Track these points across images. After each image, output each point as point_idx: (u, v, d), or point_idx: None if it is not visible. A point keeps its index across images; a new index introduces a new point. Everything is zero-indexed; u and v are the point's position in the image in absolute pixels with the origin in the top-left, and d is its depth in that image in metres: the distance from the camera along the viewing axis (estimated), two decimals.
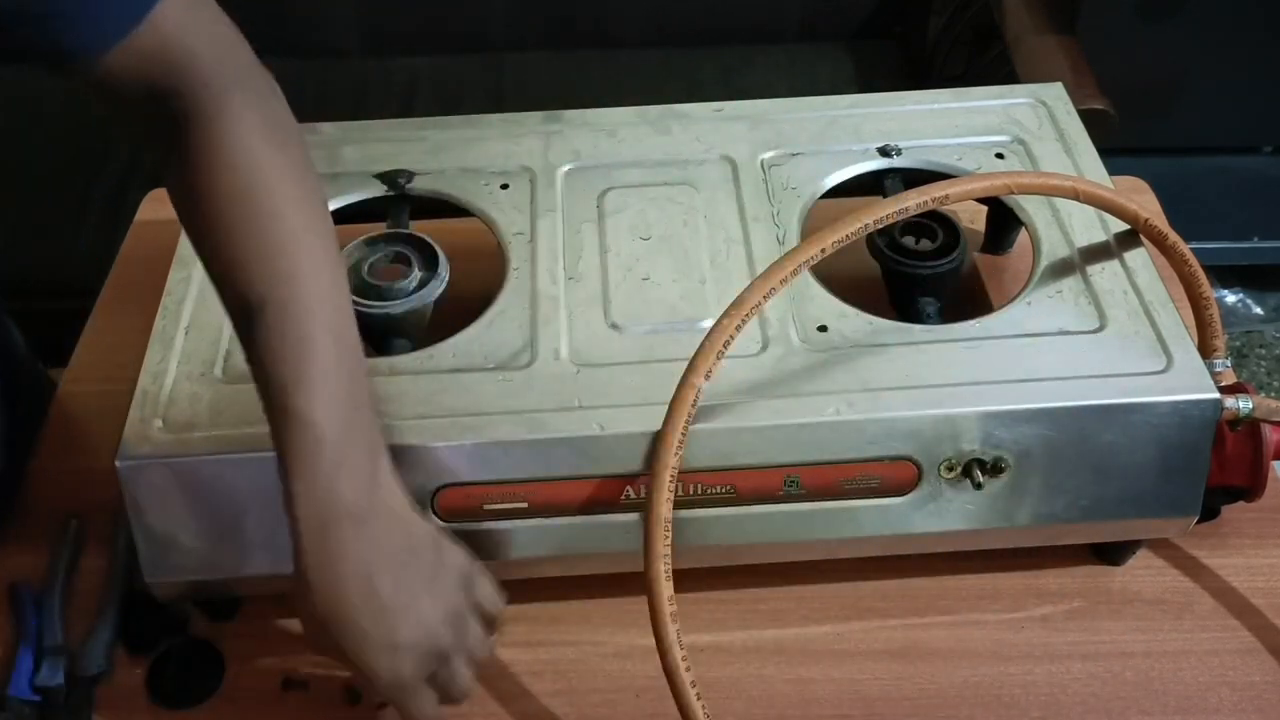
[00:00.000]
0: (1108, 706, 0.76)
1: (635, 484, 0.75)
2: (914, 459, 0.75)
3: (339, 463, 0.64)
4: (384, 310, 0.83)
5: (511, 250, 0.86)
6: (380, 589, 0.64)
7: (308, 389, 0.64)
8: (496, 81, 1.83)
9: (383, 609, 0.64)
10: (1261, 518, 0.85)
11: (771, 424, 0.74)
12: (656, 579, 0.70)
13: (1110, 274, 0.83)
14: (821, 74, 1.78)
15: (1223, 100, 1.86)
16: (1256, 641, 0.80)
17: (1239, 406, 0.76)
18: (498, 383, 0.77)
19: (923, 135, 0.94)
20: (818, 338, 0.79)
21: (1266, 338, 2.08)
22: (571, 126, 0.96)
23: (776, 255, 0.84)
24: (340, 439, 0.64)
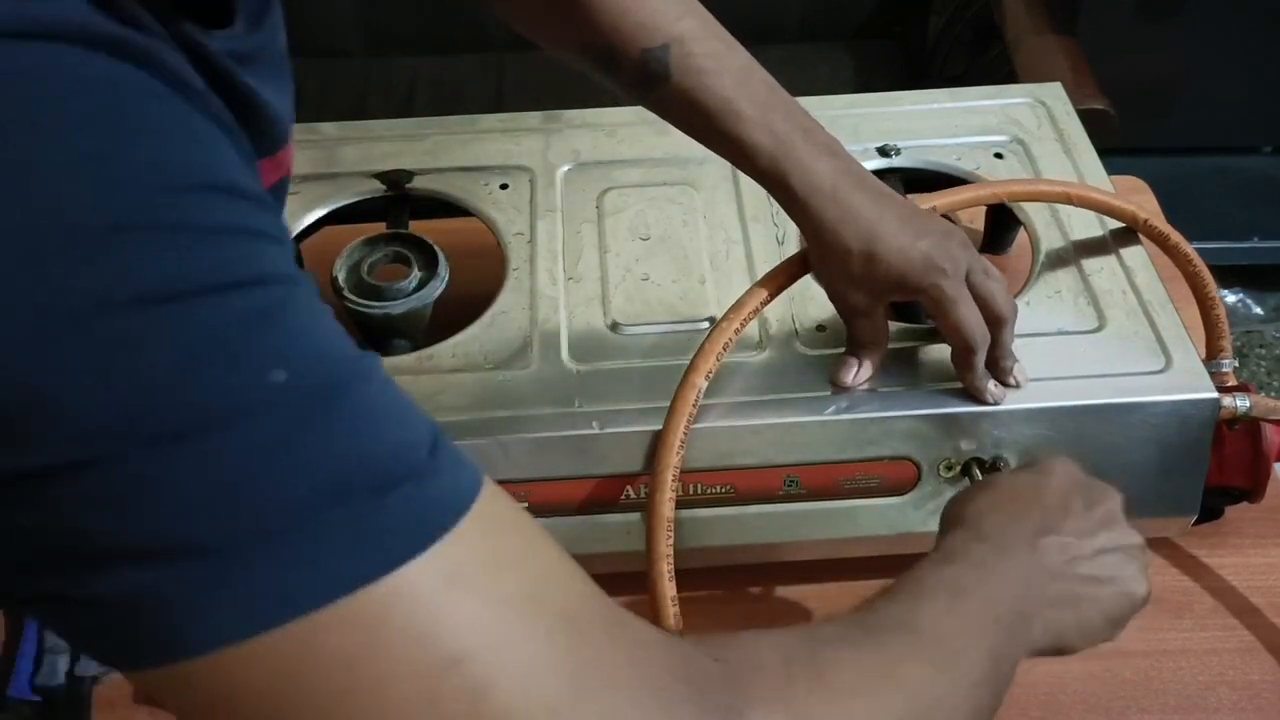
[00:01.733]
0: (1107, 706, 0.76)
1: (635, 484, 0.75)
2: (914, 459, 0.75)
3: (814, 141, 0.71)
4: (384, 310, 0.83)
5: (511, 250, 0.86)
6: (895, 208, 0.71)
7: (750, 94, 0.70)
8: (496, 81, 1.83)
9: (904, 218, 0.71)
10: (1261, 517, 0.85)
11: (771, 424, 0.74)
12: (659, 579, 0.70)
13: (1109, 274, 0.83)
14: (821, 74, 1.78)
15: (1223, 100, 1.86)
16: (1256, 641, 0.80)
17: (1236, 405, 0.76)
18: (498, 383, 0.77)
19: (922, 135, 0.94)
20: (817, 338, 0.79)
21: (1266, 338, 2.08)
22: (571, 126, 0.96)
23: (776, 256, 0.84)
24: (803, 140, 0.70)
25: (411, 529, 0.38)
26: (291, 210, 0.89)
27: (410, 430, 0.40)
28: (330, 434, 0.37)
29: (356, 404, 0.39)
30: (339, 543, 0.37)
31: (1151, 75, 1.80)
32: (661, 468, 0.71)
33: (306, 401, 0.37)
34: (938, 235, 0.71)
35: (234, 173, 0.39)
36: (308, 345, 0.38)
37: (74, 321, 0.34)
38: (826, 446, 0.75)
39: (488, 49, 1.88)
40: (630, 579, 0.73)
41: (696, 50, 0.70)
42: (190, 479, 0.35)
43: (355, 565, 0.37)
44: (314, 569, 0.37)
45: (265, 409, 0.36)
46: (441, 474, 0.40)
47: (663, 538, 0.70)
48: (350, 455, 0.38)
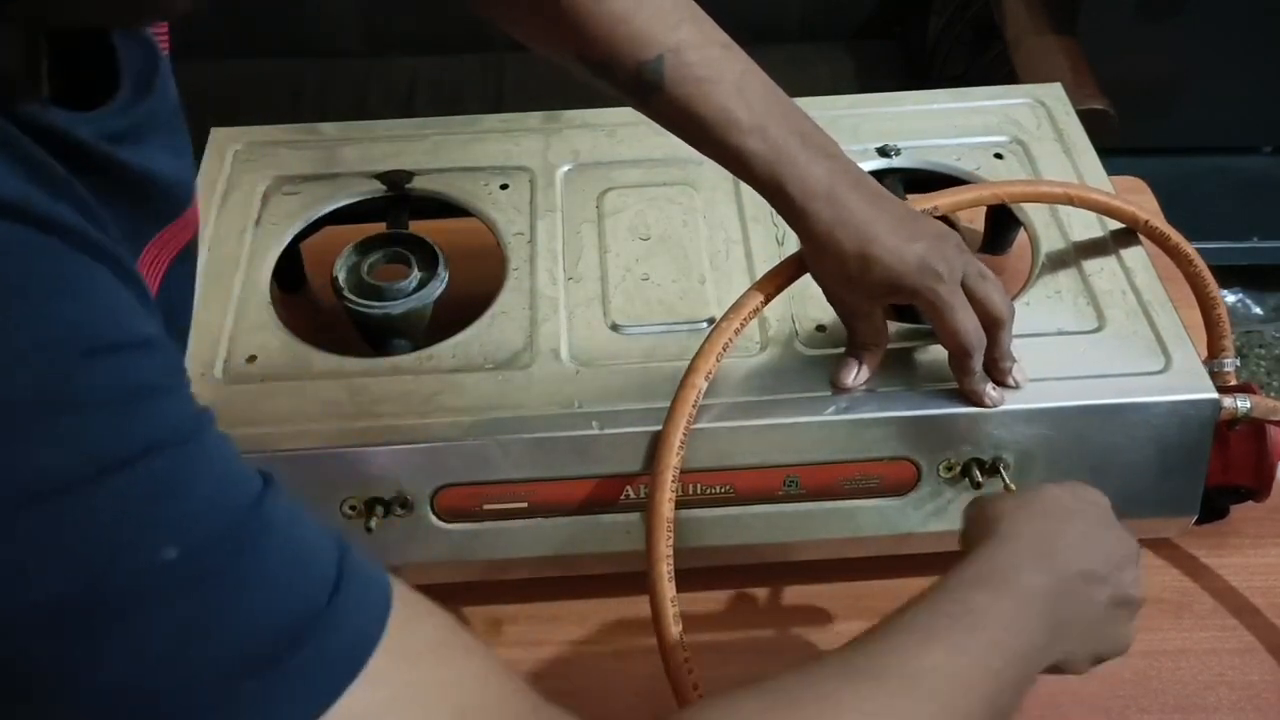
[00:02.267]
0: (1106, 705, 0.76)
1: (635, 484, 0.75)
2: (914, 459, 0.76)
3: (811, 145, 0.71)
4: (384, 310, 0.83)
5: (511, 250, 0.86)
6: (891, 210, 0.71)
7: (748, 102, 0.70)
8: (496, 81, 1.83)
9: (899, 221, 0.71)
10: (1261, 517, 0.85)
11: (771, 424, 0.74)
12: (659, 579, 0.70)
13: (1109, 274, 0.83)
14: (821, 74, 1.78)
15: (1223, 100, 1.86)
16: (1255, 641, 0.80)
17: (1237, 406, 0.76)
18: (498, 383, 0.77)
19: (922, 135, 0.94)
20: (817, 338, 0.79)
21: (1266, 337, 2.08)
22: (571, 126, 0.96)
23: (776, 256, 0.84)
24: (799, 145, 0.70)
25: (319, 689, 0.38)
26: (291, 210, 0.89)
27: (310, 571, 0.40)
28: (223, 613, 0.37)
29: (251, 564, 0.38)
30: (249, 711, 0.37)
31: (1151, 75, 1.80)
32: (662, 468, 0.71)
33: (200, 580, 0.37)
34: (933, 238, 0.71)
35: (116, 319, 0.37)
36: (203, 509, 0.37)
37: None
38: (826, 446, 0.75)
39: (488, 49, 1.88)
40: (630, 579, 0.74)
41: (692, 59, 0.69)
42: (86, 680, 0.35)
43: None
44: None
45: (157, 600, 0.36)
46: (344, 619, 0.39)
47: (663, 538, 0.70)
48: (248, 631, 0.37)
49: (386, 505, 0.74)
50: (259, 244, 0.87)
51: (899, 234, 0.70)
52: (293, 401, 0.76)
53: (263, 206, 0.90)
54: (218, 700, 0.36)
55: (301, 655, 0.38)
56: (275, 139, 0.96)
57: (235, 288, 0.83)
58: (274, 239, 0.87)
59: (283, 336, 0.80)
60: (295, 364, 0.79)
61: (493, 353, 0.79)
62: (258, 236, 0.87)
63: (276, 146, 0.95)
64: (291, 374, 0.78)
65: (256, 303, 0.82)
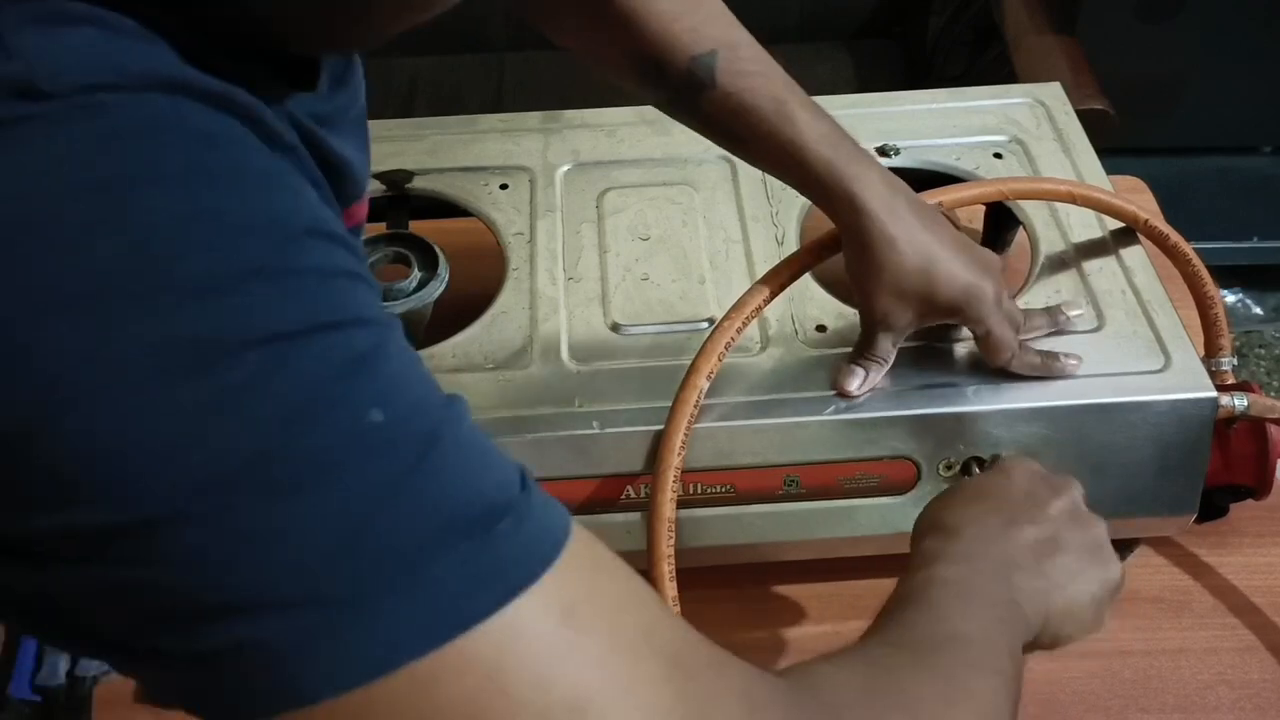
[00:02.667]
0: (1106, 705, 0.76)
1: (635, 484, 0.75)
2: (913, 458, 0.76)
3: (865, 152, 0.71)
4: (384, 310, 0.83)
5: (511, 250, 0.86)
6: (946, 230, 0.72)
7: (800, 100, 0.70)
8: (496, 81, 1.83)
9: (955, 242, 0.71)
10: (1261, 516, 0.85)
11: (771, 423, 0.74)
12: (660, 579, 0.70)
13: (1108, 273, 0.83)
14: (821, 74, 1.78)
15: (1223, 100, 1.86)
16: (1255, 640, 0.80)
17: (1235, 404, 0.76)
18: (498, 383, 0.77)
19: (921, 135, 0.94)
20: (817, 337, 0.79)
21: (1266, 337, 2.08)
22: (571, 126, 0.97)
23: (776, 255, 0.84)
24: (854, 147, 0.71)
25: (518, 564, 0.38)
26: None
27: (501, 469, 0.40)
28: (431, 476, 0.37)
29: (451, 445, 0.39)
30: (450, 584, 0.36)
31: (1151, 75, 1.80)
32: (663, 468, 0.71)
33: (406, 444, 0.37)
34: (984, 263, 0.72)
35: (330, 221, 0.40)
36: (404, 388, 0.38)
37: (187, 369, 0.34)
38: (826, 446, 0.75)
39: (488, 49, 1.88)
40: None
41: (744, 55, 0.70)
42: (298, 529, 0.35)
43: (469, 604, 0.37)
44: (428, 611, 0.36)
45: (368, 455, 0.36)
46: (536, 510, 0.40)
47: (664, 538, 0.70)
48: (451, 496, 0.38)
49: None
50: None
51: (958, 256, 0.71)
52: None
53: None
54: (417, 565, 0.36)
55: (502, 530, 0.38)
56: None
57: None
58: None
59: None
60: None
61: (493, 353, 0.79)
62: None
63: None
64: None
65: None
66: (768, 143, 0.70)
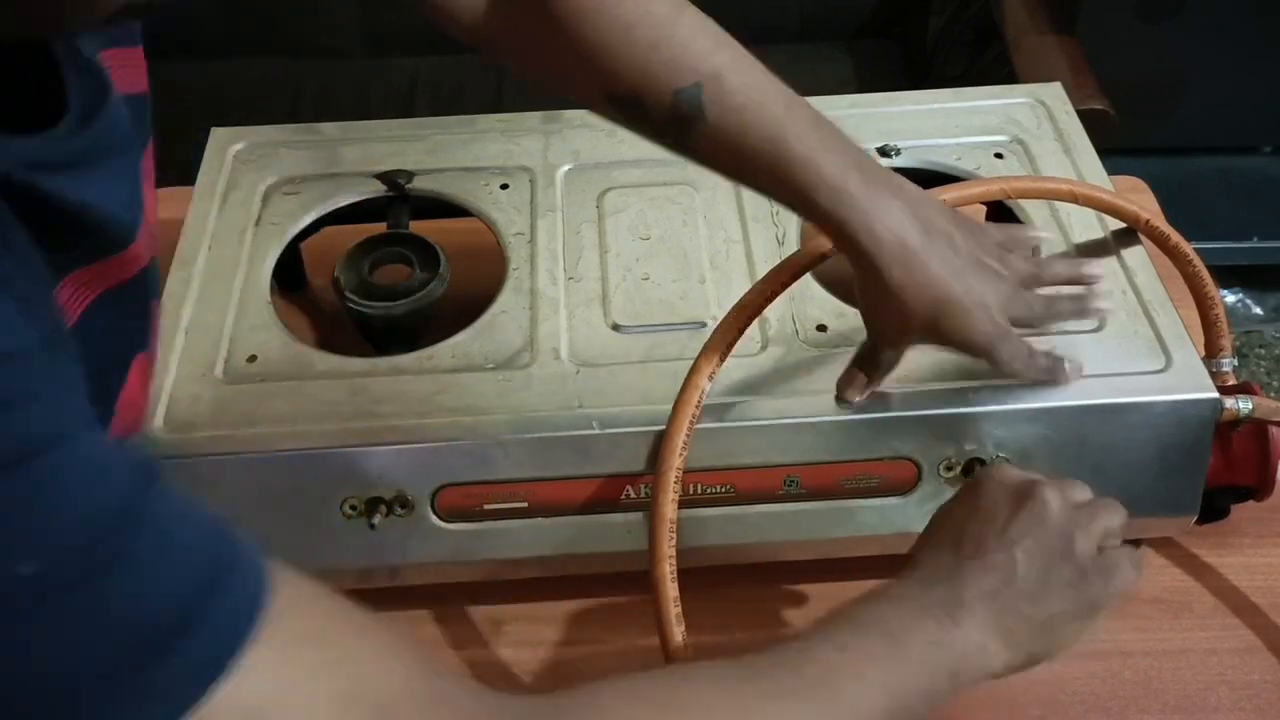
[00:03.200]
0: (1106, 705, 0.76)
1: (635, 484, 0.75)
2: (914, 459, 0.76)
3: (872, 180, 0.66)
4: (384, 310, 0.83)
5: (511, 250, 0.86)
6: (956, 249, 0.68)
7: (798, 131, 0.65)
8: (496, 81, 1.83)
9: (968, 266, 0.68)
10: (1262, 517, 0.85)
11: (771, 423, 0.74)
12: (662, 579, 0.70)
13: (1109, 273, 0.83)
14: (821, 74, 1.78)
15: (1223, 100, 1.86)
16: (1256, 640, 0.80)
17: (1238, 407, 0.76)
18: (498, 383, 0.77)
19: (922, 135, 0.94)
20: (817, 337, 0.79)
21: (1266, 337, 2.08)
22: (571, 126, 0.96)
23: (776, 255, 0.84)
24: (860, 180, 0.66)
25: (194, 676, 0.38)
26: (291, 210, 0.90)
27: (180, 573, 0.39)
28: (84, 622, 0.37)
29: (114, 573, 0.38)
30: (124, 706, 0.37)
31: (1151, 75, 1.80)
32: (664, 469, 0.71)
33: (57, 592, 0.36)
34: (998, 282, 0.70)
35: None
36: (64, 521, 0.37)
37: None
38: (827, 446, 0.75)
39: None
40: (630, 578, 0.74)
41: (733, 85, 0.65)
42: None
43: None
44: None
45: (13, 610, 0.36)
46: (216, 617, 0.39)
47: (665, 539, 0.70)
48: (107, 638, 0.37)
49: (387, 505, 0.74)
50: (259, 244, 0.87)
51: (969, 286, 0.68)
52: (293, 401, 0.76)
53: (263, 206, 0.90)
54: (82, 704, 0.37)
55: (169, 658, 0.38)
56: (275, 139, 0.96)
57: (235, 288, 0.83)
58: (274, 239, 0.87)
59: (283, 336, 0.80)
60: (295, 364, 0.79)
61: (493, 353, 0.79)
62: (258, 236, 0.87)
63: (276, 146, 0.95)
64: (291, 374, 0.78)
65: (256, 303, 0.82)
66: (765, 182, 0.67)
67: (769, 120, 0.65)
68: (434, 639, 0.79)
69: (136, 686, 0.37)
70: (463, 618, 0.81)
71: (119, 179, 0.51)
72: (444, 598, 0.80)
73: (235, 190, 0.91)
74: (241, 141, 0.95)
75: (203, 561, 0.40)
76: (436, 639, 0.79)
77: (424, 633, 0.80)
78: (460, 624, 0.81)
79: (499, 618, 0.81)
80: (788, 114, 0.65)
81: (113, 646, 0.37)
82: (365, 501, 0.74)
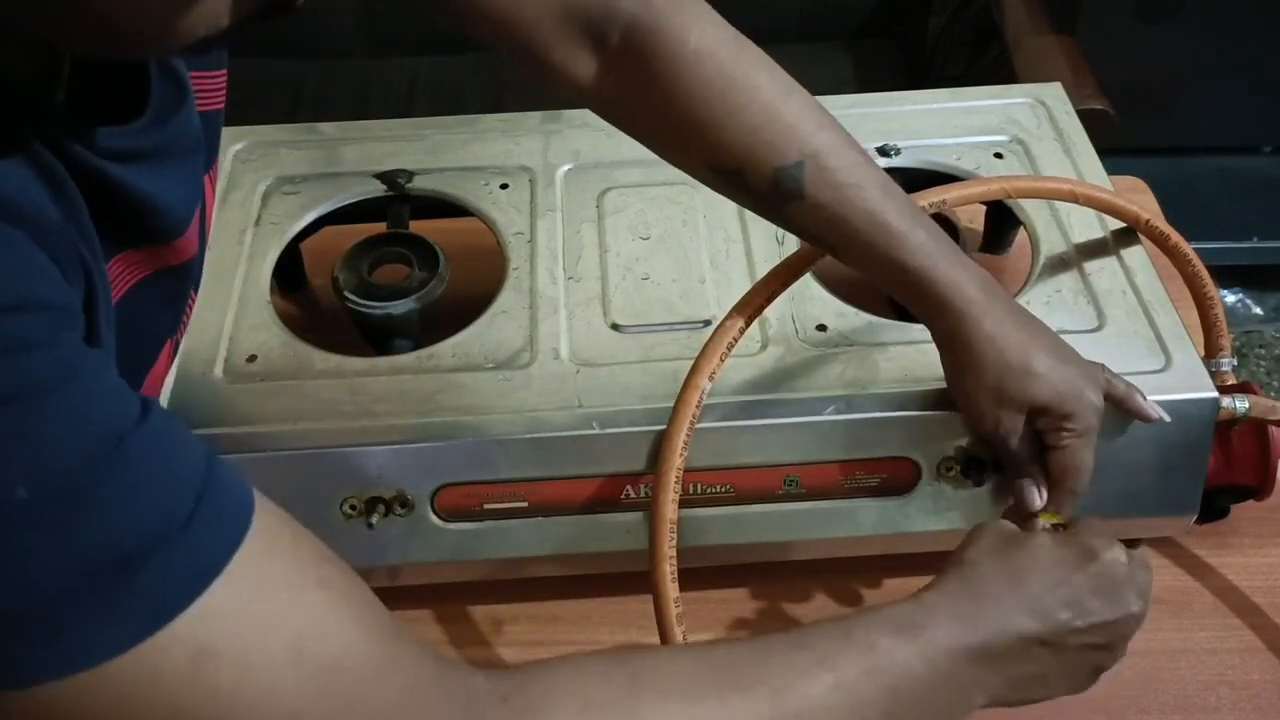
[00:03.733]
0: (1107, 705, 0.76)
1: (635, 483, 0.75)
2: (914, 458, 0.75)
3: (959, 254, 0.69)
4: (384, 310, 0.83)
5: (511, 250, 0.86)
6: (1042, 329, 0.71)
7: (893, 215, 0.67)
8: (496, 81, 1.83)
9: (1053, 341, 0.70)
10: (1262, 517, 0.85)
11: (771, 423, 0.74)
12: (662, 580, 0.69)
13: (1109, 273, 0.83)
14: (821, 74, 1.78)
15: (1223, 100, 1.86)
16: (1256, 640, 0.80)
17: (1235, 406, 0.76)
18: (498, 383, 0.77)
19: (922, 135, 0.94)
20: (817, 337, 0.79)
21: (1266, 337, 2.08)
22: (571, 126, 0.96)
23: (776, 255, 0.84)
24: (950, 250, 0.69)
25: (154, 604, 0.41)
26: (291, 210, 0.90)
27: (167, 495, 0.43)
28: (69, 537, 0.40)
29: (104, 494, 0.41)
30: (89, 621, 0.40)
31: (1151, 75, 1.80)
32: (665, 470, 0.71)
33: (49, 513, 0.40)
34: (1084, 364, 0.71)
35: (9, 282, 0.41)
36: (60, 453, 0.40)
37: None
38: (826, 446, 0.75)
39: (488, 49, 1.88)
40: (631, 578, 0.74)
41: (834, 164, 0.67)
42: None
43: (105, 638, 0.41)
44: (66, 642, 0.40)
45: (14, 527, 0.39)
46: (189, 551, 0.42)
47: (666, 540, 0.70)
48: (90, 549, 0.41)
49: (386, 505, 0.74)
50: (259, 244, 0.87)
51: (1057, 353, 0.69)
52: (293, 401, 0.76)
53: (263, 206, 0.90)
54: (57, 604, 0.40)
55: (140, 578, 0.41)
56: (275, 139, 0.96)
57: (235, 287, 0.83)
58: (274, 239, 0.87)
59: (283, 336, 0.80)
60: (295, 364, 0.79)
61: (493, 352, 0.79)
62: (258, 236, 0.87)
63: (276, 146, 0.95)
64: (291, 374, 0.78)
65: (256, 302, 0.82)
66: (861, 252, 0.69)
67: (868, 198, 0.67)
68: (434, 639, 0.79)
69: (104, 605, 0.41)
70: (463, 618, 0.81)
71: (181, 177, 0.57)
72: (444, 598, 0.80)
73: (235, 190, 0.91)
74: (241, 141, 0.95)
75: (188, 496, 0.43)
76: (437, 639, 0.80)
77: (424, 633, 0.80)
78: (460, 624, 0.81)
79: (499, 618, 0.81)
80: (884, 192, 0.68)
81: (84, 565, 0.40)
82: (365, 501, 0.74)
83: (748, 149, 0.68)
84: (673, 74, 0.67)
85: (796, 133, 0.67)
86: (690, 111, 0.67)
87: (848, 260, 0.71)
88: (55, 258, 0.44)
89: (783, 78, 0.70)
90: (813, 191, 0.67)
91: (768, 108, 0.67)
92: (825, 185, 0.67)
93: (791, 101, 0.69)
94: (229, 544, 0.43)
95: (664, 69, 0.67)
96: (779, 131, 0.67)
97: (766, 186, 0.68)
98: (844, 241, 0.69)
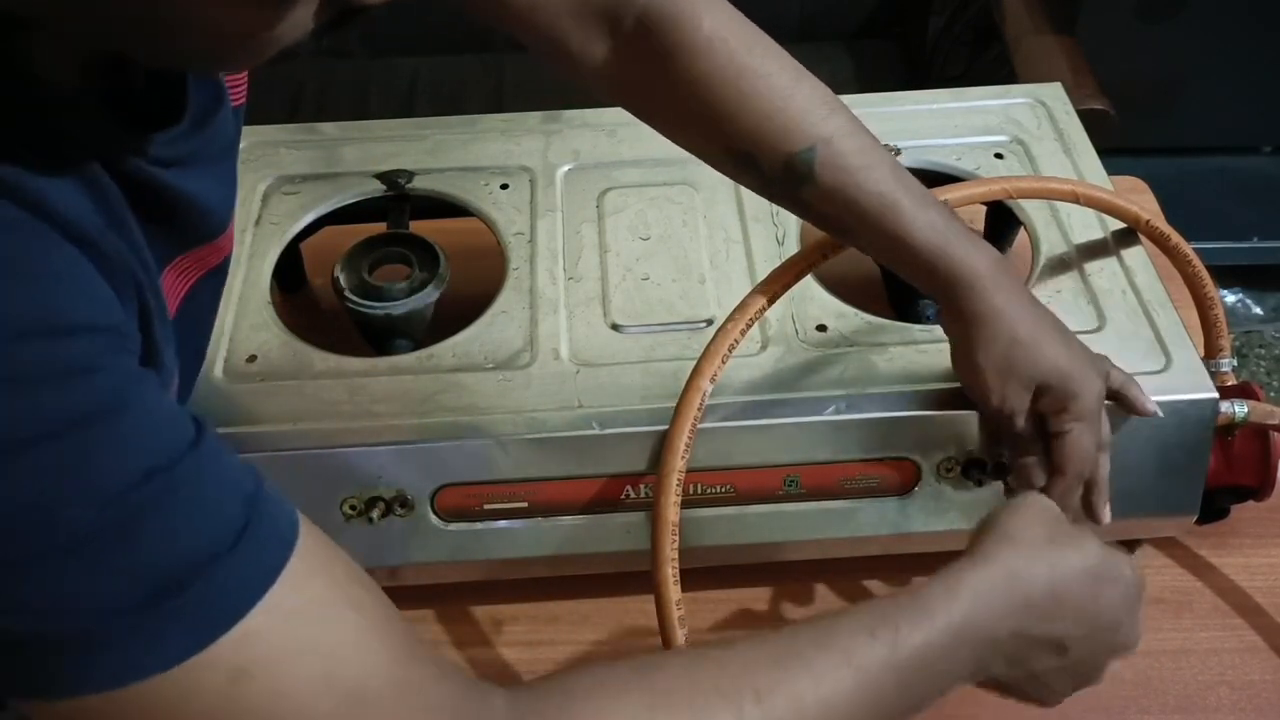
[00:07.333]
0: (1107, 705, 0.76)
1: (635, 484, 0.75)
2: (914, 459, 0.75)
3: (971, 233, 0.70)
4: (384, 310, 0.83)
5: (511, 250, 0.86)
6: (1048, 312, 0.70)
7: (904, 195, 0.68)
8: (496, 81, 1.83)
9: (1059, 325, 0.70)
10: (1262, 517, 0.85)
11: (771, 424, 0.74)
12: (664, 582, 0.69)
13: (1109, 274, 0.83)
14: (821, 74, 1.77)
15: (1223, 100, 1.86)
16: (1256, 640, 0.80)
17: (1234, 411, 0.76)
18: (498, 383, 0.77)
19: (922, 135, 0.94)
20: (817, 337, 0.79)
21: (1266, 337, 2.08)
22: (571, 126, 0.96)
23: (776, 256, 0.84)
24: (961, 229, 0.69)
25: (198, 626, 0.42)
26: (291, 210, 0.90)
27: (216, 519, 0.44)
28: (122, 559, 0.41)
29: (155, 520, 0.42)
30: (134, 640, 0.42)
31: (1151, 75, 1.80)
32: (666, 471, 0.71)
33: (100, 537, 0.41)
34: (1089, 351, 0.71)
35: (58, 304, 0.42)
36: (115, 478, 0.41)
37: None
38: (826, 446, 0.75)
39: (488, 49, 1.88)
40: (631, 578, 0.74)
41: (845, 148, 0.68)
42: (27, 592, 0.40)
43: (147, 658, 0.42)
44: (109, 659, 0.41)
45: (70, 549, 0.40)
46: (240, 564, 0.44)
47: (667, 542, 0.70)
48: (141, 571, 0.42)
49: (386, 505, 0.74)
50: (259, 244, 0.87)
51: (1063, 335, 0.70)
52: (293, 401, 0.76)
53: (263, 206, 0.90)
54: (104, 624, 0.41)
55: (186, 600, 0.42)
56: (275, 139, 0.96)
57: (235, 287, 0.83)
58: (274, 239, 0.87)
59: (283, 336, 0.80)
60: (295, 364, 0.79)
61: (493, 353, 0.79)
62: (258, 236, 0.87)
63: (276, 146, 0.95)
64: (291, 374, 0.78)
65: (256, 302, 0.82)
66: (874, 233, 0.69)
67: (879, 179, 0.68)
68: (434, 639, 0.79)
69: (149, 625, 0.41)
70: (463, 618, 0.81)
71: (220, 177, 0.59)
72: (444, 598, 0.80)
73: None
74: (241, 141, 0.95)
75: (232, 518, 0.44)
76: (437, 639, 0.80)
77: (424, 633, 0.80)
78: (460, 624, 0.81)
79: (499, 618, 0.81)
80: (895, 173, 0.69)
81: (133, 587, 0.41)
82: (365, 502, 0.74)
83: (760, 134, 0.68)
84: (686, 61, 0.68)
85: (808, 118, 0.68)
86: (703, 97, 0.68)
87: (860, 243, 0.71)
88: (111, 279, 0.45)
89: (793, 64, 0.70)
90: (824, 175, 0.68)
91: (780, 93, 0.68)
92: (837, 168, 0.68)
93: (802, 87, 0.70)
94: (273, 568, 0.44)
95: (677, 55, 0.68)
96: (791, 117, 0.68)
97: (779, 171, 0.69)
98: (856, 222, 0.69)
